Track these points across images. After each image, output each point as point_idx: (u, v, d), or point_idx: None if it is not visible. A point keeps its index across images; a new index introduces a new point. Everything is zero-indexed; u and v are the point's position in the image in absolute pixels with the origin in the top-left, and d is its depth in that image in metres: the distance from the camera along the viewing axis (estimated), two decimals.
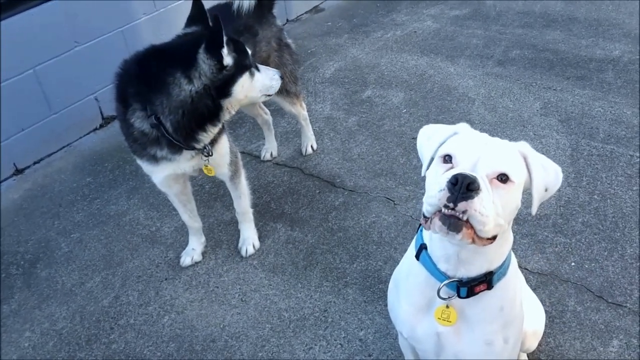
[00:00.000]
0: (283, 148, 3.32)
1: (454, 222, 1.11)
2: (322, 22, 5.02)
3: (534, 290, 2.22)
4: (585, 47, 4.01)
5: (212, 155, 2.20)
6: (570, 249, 2.41)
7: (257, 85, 2.15)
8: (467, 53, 4.13)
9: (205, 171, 2.29)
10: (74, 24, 3.47)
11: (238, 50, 2.04)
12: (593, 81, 3.60)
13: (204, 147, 2.16)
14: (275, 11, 2.85)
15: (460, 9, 4.85)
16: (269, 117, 3.21)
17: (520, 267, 2.31)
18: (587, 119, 3.23)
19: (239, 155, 2.49)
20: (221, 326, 2.26)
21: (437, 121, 3.34)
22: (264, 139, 3.28)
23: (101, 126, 3.78)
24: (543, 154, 3.14)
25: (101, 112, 3.79)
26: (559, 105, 3.39)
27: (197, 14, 2.10)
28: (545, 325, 2.07)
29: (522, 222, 2.56)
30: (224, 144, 2.32)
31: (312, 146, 3.25)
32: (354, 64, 4.19)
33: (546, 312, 2.13)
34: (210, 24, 2.00)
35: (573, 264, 2.34)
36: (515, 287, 1.40)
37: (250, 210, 2.60)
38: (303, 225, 2.72)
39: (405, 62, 4.12)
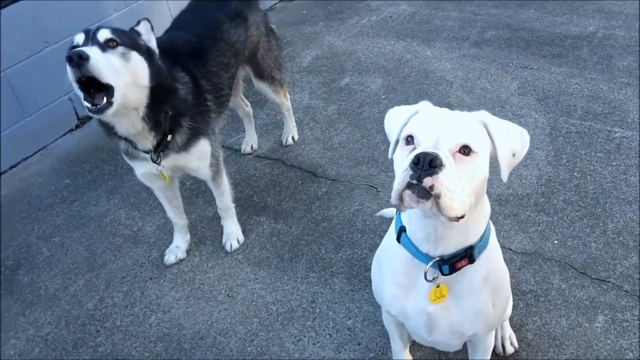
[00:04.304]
0: (263, 140, 3.30)
1: (422, 189, 1.10)
2: (297, 10, 4.97)
3: (518, 270, 2.25)
4: (560, 25, 4.03)
5: (158, 163, 2.15)
6: (552, 227, 2.42)
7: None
8: (444, 36, 4.12)
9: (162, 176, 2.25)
10: (43, 24, 3.40)
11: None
12: (569, 58, 3.61)
13: (150, 151, 2.12)
14: None
15: None
16: (249, 109, 3.18)
17: (504, 247, 2.35)
18: (565, 97, 3.24)
19: (222, 156, 2.46)
20: (209, 323, 2.25)
21: None
22: (244, 132, 3.26)
23: (77, 127, 3.73)
24: None
25: (76, 113, 3.73)
26: (536, 84, 3.40)
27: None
28: (531, 304, 2.10)
29: (504, 202, 2.57)
30: (204, 147, 2.28)
31: (293, 137, 3.23)
32: (330, 51, 4.16)
33: (531, 291, 2.16)
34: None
35: (556, 241, 2.36)
36: (496, 255, 1.43)
37: (233, 206, 2.58)
38: (287, 217, 2.71)
39: (382, 47, 4.10)
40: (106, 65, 1.81)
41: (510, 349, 1.93)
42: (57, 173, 3.32)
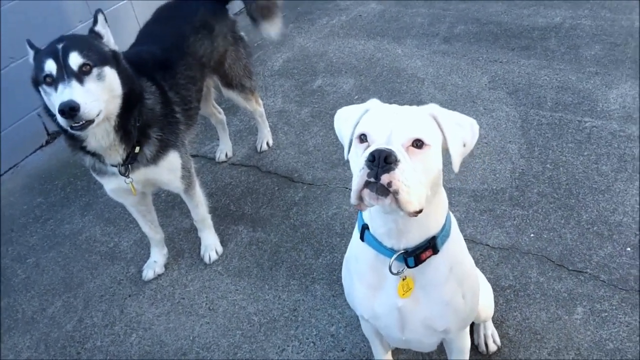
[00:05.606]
0: (237, 147, 3.27)
1: (380, 187, 1.12)
2: None
3: (496, 266, 2.26)
4: (527, 17, 4.06)
5: (127, 176, 2.12)
6: (528, 221, 2.44)
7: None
8: (413, 33, 4.13)
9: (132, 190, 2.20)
10: (7, 39, 3.32)
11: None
12: (537, 50, 3.65)
13: (118, 165, 2.09)
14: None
15: None
16: (222, 116, 3.15)
17: (481, 243, 2.37)
18: (535, 89, 3.27)
19: (193, 167, 2.43)
20: (191, 338, 2.23)
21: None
22: (218, 139, 3.23)
23: (47, 143, 3.66)
24: (494, 128, 3.18)
25: (46, 128, 3.66)
26: (506, 77, 3.42)
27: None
28: (511, 300, 2.12)
29: (479, 198, 2.59)
30: (173, 159, 2.25)
31: (267, 142, 3.21)
32: (302, 53, 4.14)
33: (510, 286, 2.18)
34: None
35: (532, 235, 2.38)
36: (460, 246, 1.45)
37: (209, 217, 2.55)
38: (265, 224, 2.69)
39: (353, 47, 4.09)
40: (91, 100, 1.80)
41: (493, 347, 1.95)
42: (29, 191, 3.26)
